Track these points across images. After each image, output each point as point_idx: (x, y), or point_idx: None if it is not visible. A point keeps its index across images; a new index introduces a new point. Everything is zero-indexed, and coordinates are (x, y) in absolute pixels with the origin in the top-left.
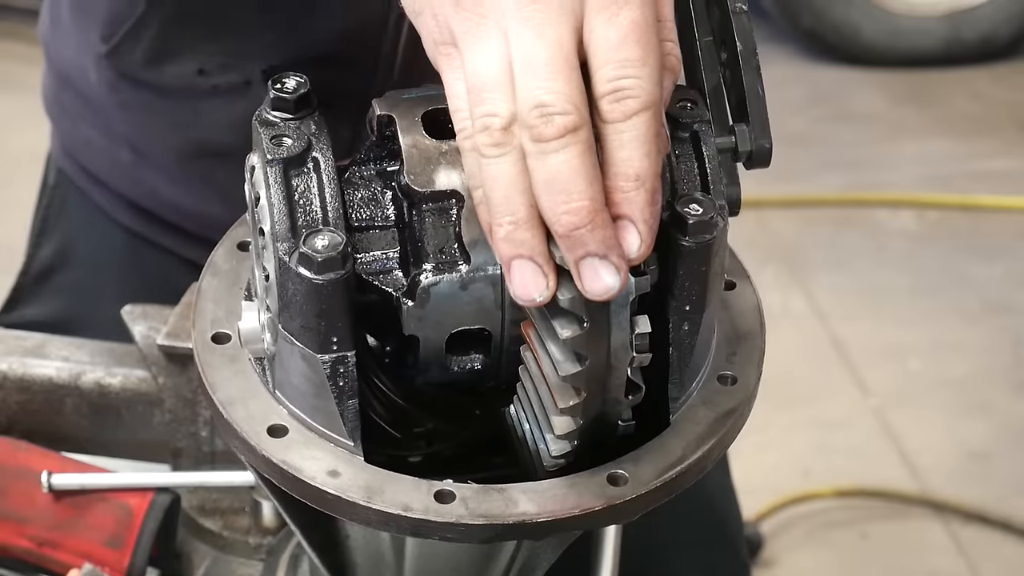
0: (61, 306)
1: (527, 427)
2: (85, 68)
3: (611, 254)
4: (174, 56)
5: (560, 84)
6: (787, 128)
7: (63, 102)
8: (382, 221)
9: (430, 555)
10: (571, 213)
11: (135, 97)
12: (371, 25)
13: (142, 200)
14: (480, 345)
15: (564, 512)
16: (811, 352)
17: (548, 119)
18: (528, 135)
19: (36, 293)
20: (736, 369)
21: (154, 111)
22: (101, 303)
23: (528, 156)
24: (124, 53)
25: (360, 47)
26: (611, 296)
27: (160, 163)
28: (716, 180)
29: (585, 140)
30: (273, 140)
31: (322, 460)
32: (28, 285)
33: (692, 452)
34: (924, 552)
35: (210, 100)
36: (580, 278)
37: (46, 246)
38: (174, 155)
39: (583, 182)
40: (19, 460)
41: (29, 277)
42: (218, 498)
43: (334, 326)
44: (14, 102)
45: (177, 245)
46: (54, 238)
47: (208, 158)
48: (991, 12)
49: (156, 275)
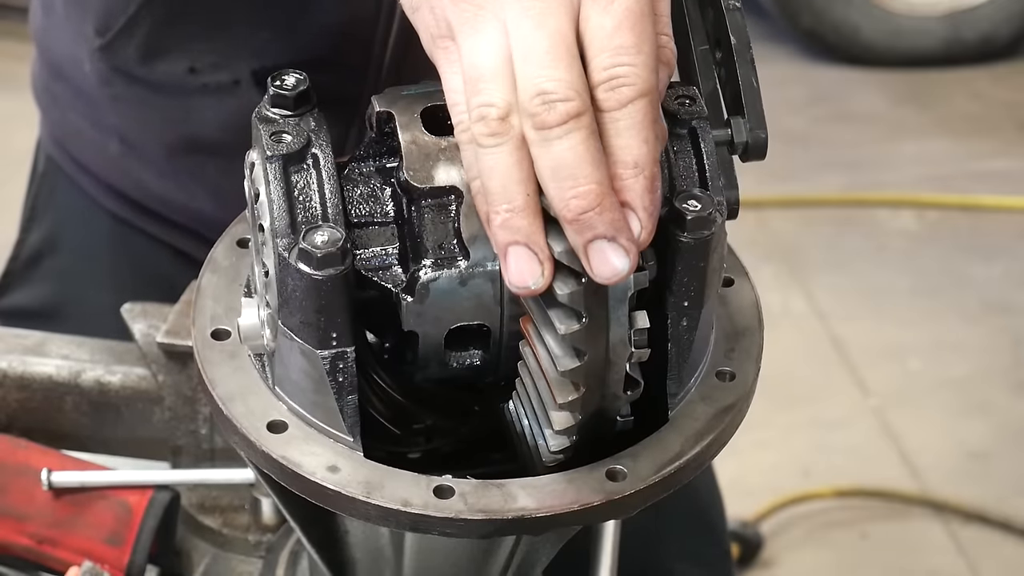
0: (50, 292)
1: (526, 422)
2: (78, 60)
3: (620, 236)
4: (166, 53)
5: (562, 72)
6: (787, 128)
7: (54, 92)
8: (381, 217)
9: (429, 550)
10: (579, 197)
11: (127, 91)
12: (362, 24)
13: (129, 191)
14: (479, 341)
15: (563, 507)
16: (811, 352)
17: (551, 106)
18: (530, 123)
19: (26, 279)
20: (734, 365)
21: (145, 106)
22: (89, 289)
23: (531, 144)
24: (118, 48)
25: (351, 48)
26: (620, 279)
27: (149, 156)
28: (714, 176)
29: (588, 125)
30: (273, 136)
31: (322, 456)
32: (18, 271)
33: (690, 448)
34: (924, 552)
35: (200, 98)
36: (589, 262)
37: (35, 232)
38: (163, 150)
39: (589, 166)
40: (19, 458)
41: (19, 263)
42: (218, 495)
43: (333, 322)
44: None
45: (164, 233)
46: (43, 225)
47: (197, 154)
48: (991, 12)
49: (144, 262)
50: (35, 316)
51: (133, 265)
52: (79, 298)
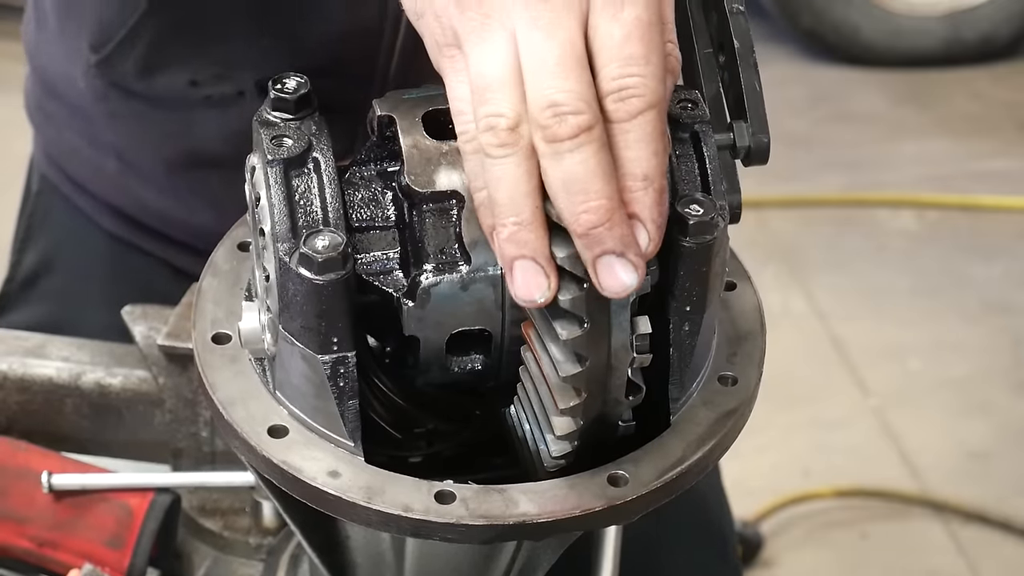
0: (47, 312)
1: (527, 428)
2: (73, 77)
3: (628, 252)
4: (166, 67)
5: (572, 83)
6: (787, 128)
7: (47, 110)
8: (382, 222)
9: (430, 556)
10: (590, 212)
11: (125, 107)
12: (366, 32)
13: (128, 208)
14: (480, 346)
15: (564, 513)
16: (811, 352)
17: (562, 119)
18: (541, 135)
19: (22, 299)
20: (737, 370)
21: (144, 121)
22: (87, 309)
23: (542, 156)
24: (115, 63)
25: (355, 55)
26: (627, 293)
27: (148, 173)
28: (716, 181)
29: (599, 138)
30: (273, 140)
31: (322, 461)
32: (14, 292)
33: (692, 453)
34: (924, 552)
35: (203, 111)
36: (597, 276)
37: (31, 253)
38: (163, 165)
39: (600, 181)
40: (19, 460)
41: (15, 284)
42: (218, 498)
43: (334, 326)
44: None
45: (162, 250)
46: (39, 245)
47: (198, 169)
48: (991, 12)
49: (141, 281)
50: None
51: (131, 284)
52: (77, 318)
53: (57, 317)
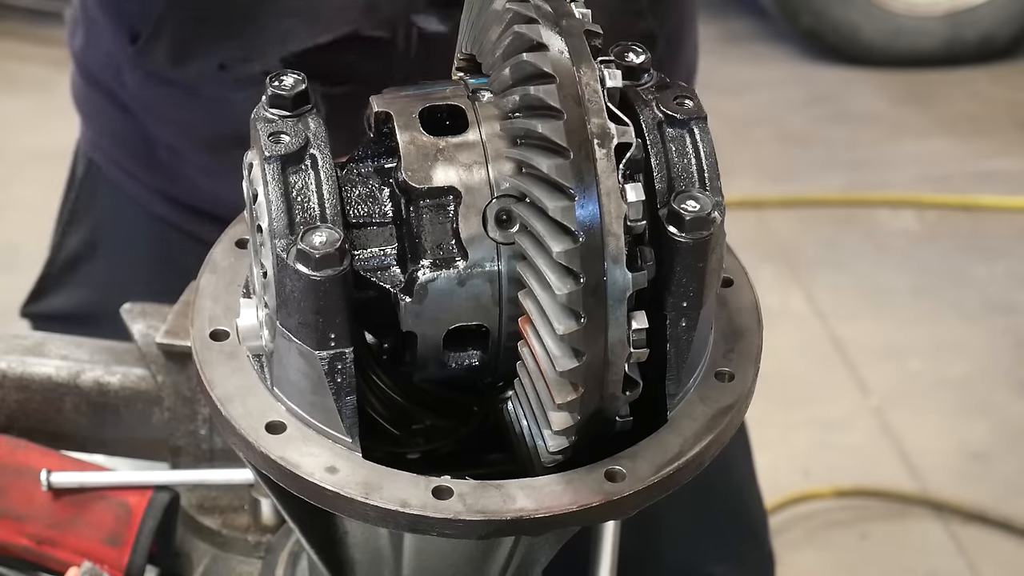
0: (88, 297)
1: (525, 423)
2: (120, 69)
3: None
4: (195, 53)
5: None
6: (787, 128)
7: (95, 102)
8: (380, 218)
9: (428, 551)
10: None
11: (166, 95)
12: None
13: (180, 195)
14: (478, 341)
15: (562, 508)
16: (811, 352)
17: None
18: None
19: (63, 283)
20: (733, 366)
21: (184, 108)
22: (130, 294)
23: None
24: (149, 53)
25: (376, 23)
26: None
27: (195, 157)
28: (713, 176)
29: None
30: (271, 137)
31: (320, 456)
32: (55, 275)
33: (689, 448)
34: (924, 552)
35: (235, 93)
36: None
37: (73, 236)
38: (208, 149)
39: None
40: (18, 458)
41: (55, 267)
42: (217, 496)
43: (332, 322)
44: (14, 102)
45: (211, 233)
46: (82, 228)
47: (241, 149)
48: (991, 12)
49: (184, 266)
50: (73, 321)
51: (174, 268)
52: (118, 303)
53: (98, 302)
